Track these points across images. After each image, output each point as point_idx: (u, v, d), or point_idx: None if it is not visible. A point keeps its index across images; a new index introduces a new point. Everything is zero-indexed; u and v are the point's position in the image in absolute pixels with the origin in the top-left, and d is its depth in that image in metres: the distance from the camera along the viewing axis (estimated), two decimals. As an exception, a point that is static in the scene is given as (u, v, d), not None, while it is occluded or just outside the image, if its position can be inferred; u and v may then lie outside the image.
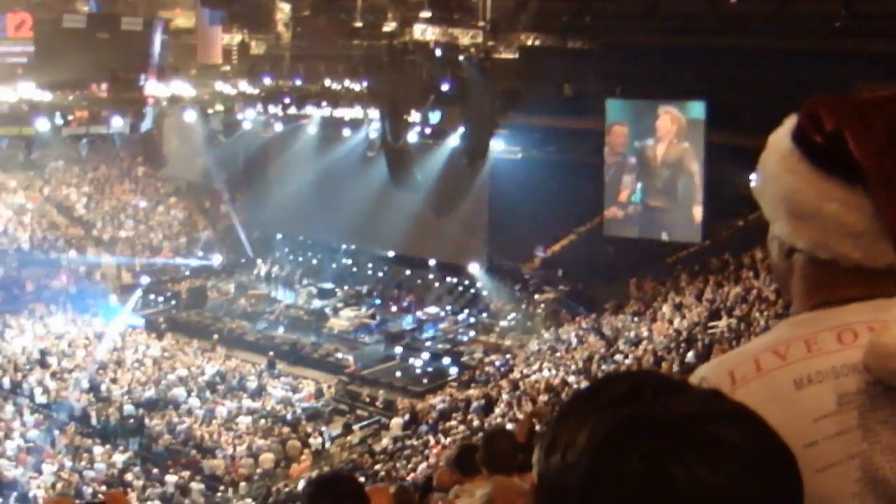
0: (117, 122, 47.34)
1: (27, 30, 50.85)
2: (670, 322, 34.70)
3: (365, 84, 46.67)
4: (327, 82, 48.40)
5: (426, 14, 46.77)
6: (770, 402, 1.96)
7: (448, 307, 47.13)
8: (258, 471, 31.86)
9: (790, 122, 2.24)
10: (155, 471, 31.28)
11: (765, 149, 2.31)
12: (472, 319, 45.89)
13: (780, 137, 2.25)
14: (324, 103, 47.86)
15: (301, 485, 29.14)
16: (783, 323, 2.30)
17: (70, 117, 46.85)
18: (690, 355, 29.65)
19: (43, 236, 52.41)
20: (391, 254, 50.90)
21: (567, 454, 1.48)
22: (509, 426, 27.62)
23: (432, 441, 30.53)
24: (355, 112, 47.84)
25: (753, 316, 30.64)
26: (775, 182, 2.23)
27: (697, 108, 39.21)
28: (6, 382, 37.79)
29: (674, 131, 39.84)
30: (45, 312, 46.06)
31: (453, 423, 31.71)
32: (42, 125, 44.27)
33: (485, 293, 47.37)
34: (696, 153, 39.26)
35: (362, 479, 21.77)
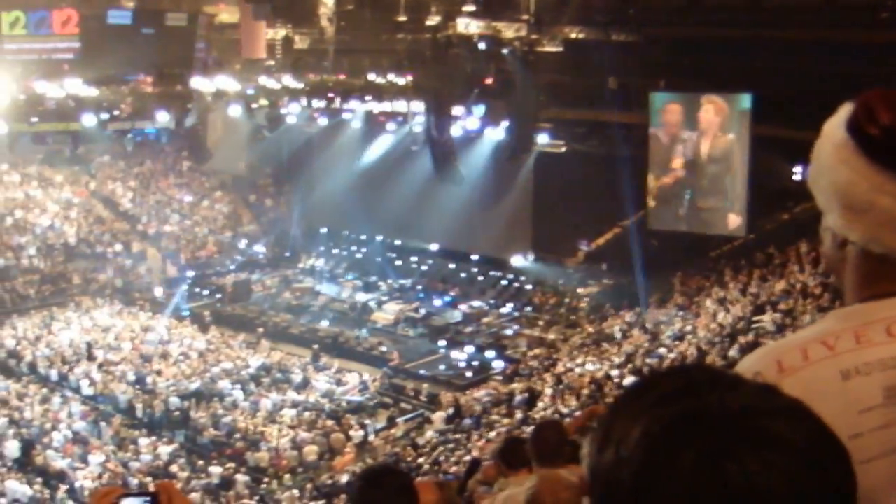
0: (162, 117, 47.56)
1: (73, 26, 51.23)
2: (714, 316, 34.58)
3: (409, 78, 46.70)
4: (371, 76, 48.46)
5: (470, 7, 46.70)
6: (817, 392, 1.94)
7: (492, 301, 47.08)
8: (302, 463, 31.97)
9: (844, 110, 2.21)
10: (200, 462, 31.44)
11: (819, 137, 2.28)
12: (515, 313, 45.79)
13: (835, 127, 2.22)
14: (368, 97, 47.89)
15: (345, 477, 29.26)
16: (833, 314, 2.28)
17: (116, 112, 47.10)
18: (734, 350, 29.56)
19: (89, 230, 52.73)
20: (435, 247, 50.92)
21: (620, 449, 1.47)
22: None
23: (475, 435, 30.55)
24: (399, 106, 47.85)
25: (798, 310, 30.52)
26: (829, 173, 2.21)
27: (742, 101, 39.01)
28: (53, 374, 38.13)
29: (717, 123, 39.63)
30: (91, 305, 46.43)
31: (497, 416, 31.74)
32: (88, 120, 44.51)
33: (528, 287, 47.30)
34: (741, 145, 39.05)
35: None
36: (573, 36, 45.29)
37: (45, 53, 51.02)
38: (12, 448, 31.12)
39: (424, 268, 51.07)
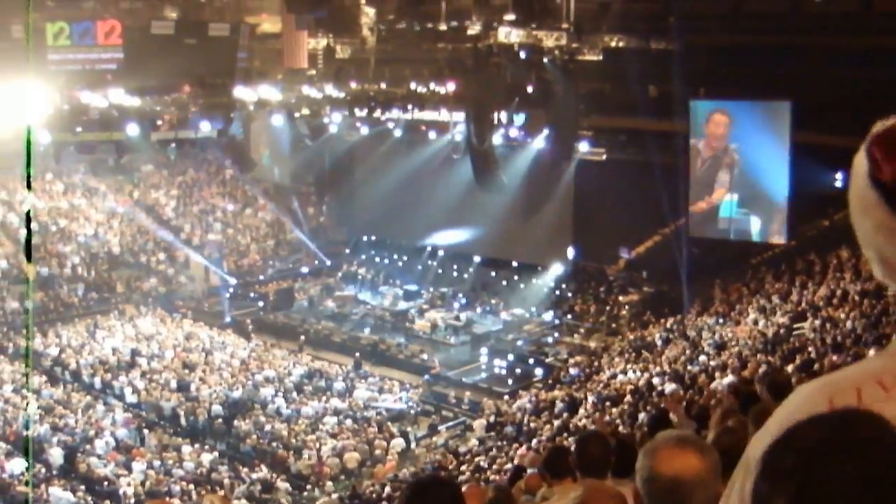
0: (205, 127, 47.68)
1: (116, 37, 51.53)
2: (755, 323, 34.30)
3: (450, 87, 46.59)
4: (412, 85, 48.38)
5: (510, 17, 46.63)
6: None
7: (533, 308, 46.98)
8: (344, 470, 31.89)
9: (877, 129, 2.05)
10: (245, 470, 31.40)
11: (851, 174, 2.11)
12: (556, 321, 45.68)
13: (860, 164, 2.06)
14: (409, 106, 47.80)
15: (387, 486, 29.17)
16: (889, 349, 2.12)
17: (159, 122, 47.27)
18: (776, 357, 29.30)
19: (132, 239, 52.94)
20: (476, 255, 50.83)
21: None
22: (593, 427, 27.48)
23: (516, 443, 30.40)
24: (440, 115, 47.74)
25: (839, 317, 30.20)
26: (860, 223, 2.06)
27: (782, 108, 38.74)
28: (97, 382, 38.24)
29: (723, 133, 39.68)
30: (134, 314, 46.60)
31: (538, 424, 31.55)
32: (132, 130, 44.68)
33: (569, 295, 47.16)
34: (780, 152, 38.72)
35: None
36: (613, 44, 45.24)
37: (89, 64, 51.31)
38: (56, 455, 31.19)
39: (465, 276, 51.02)
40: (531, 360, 40.87)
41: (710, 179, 41.02)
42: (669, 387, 30.05)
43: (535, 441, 28.73)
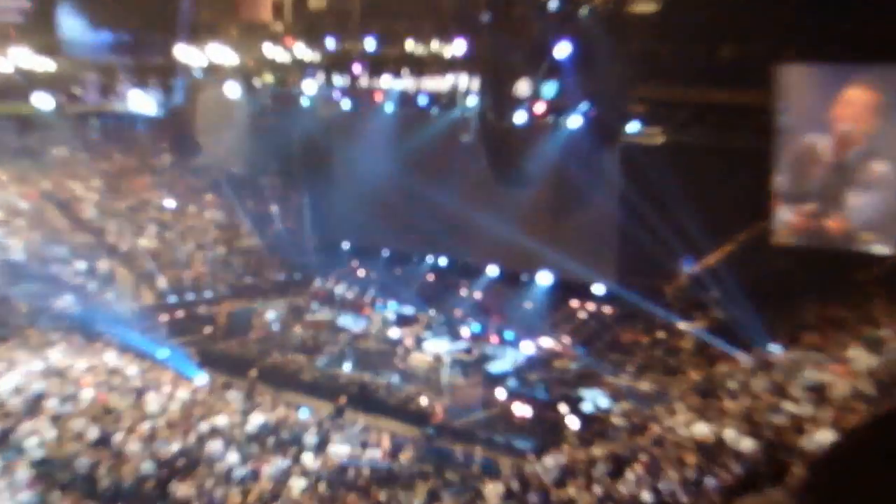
0: (137, 98, 47.52)
1: (22, -19, 51.34)
2: (861, 360, 34.01)
3: (458, 47, 46.38)
4: (409, 45, 48.19)
5: (538, -43, 46.55)
6: None
7: (566, 338, 46.75)
8: (317, 551, 31.71)
9: None
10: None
11: None
12: (597, 355, 45.46)
13: None
14: (404, 72, 47.61)
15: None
16: None
17: (77, 92, 47.09)
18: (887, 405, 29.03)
19: (41, 244, 52.74)
20: (493, 268, 50.67)
21: None
22: (646, 496, 27.29)
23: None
24: (445, 84, 47.49)
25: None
26: None
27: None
28: (-8, 432, 38.03)
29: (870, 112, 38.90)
30: (42, 342, 46.26)
31: (572, 491, 31.26)
32: (41, 102, 44.49)
33: (614, 321, 46.96)
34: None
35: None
36: (673, -10, 45.04)
37: (-14, 15, 51.21)
38: (-65, 529, 31.05)
39: (478, 294, 50.85)
40: (563, 407, 40.59)
41: (829, 195, 40.34)
42: (746, 443, 29.79)
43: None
